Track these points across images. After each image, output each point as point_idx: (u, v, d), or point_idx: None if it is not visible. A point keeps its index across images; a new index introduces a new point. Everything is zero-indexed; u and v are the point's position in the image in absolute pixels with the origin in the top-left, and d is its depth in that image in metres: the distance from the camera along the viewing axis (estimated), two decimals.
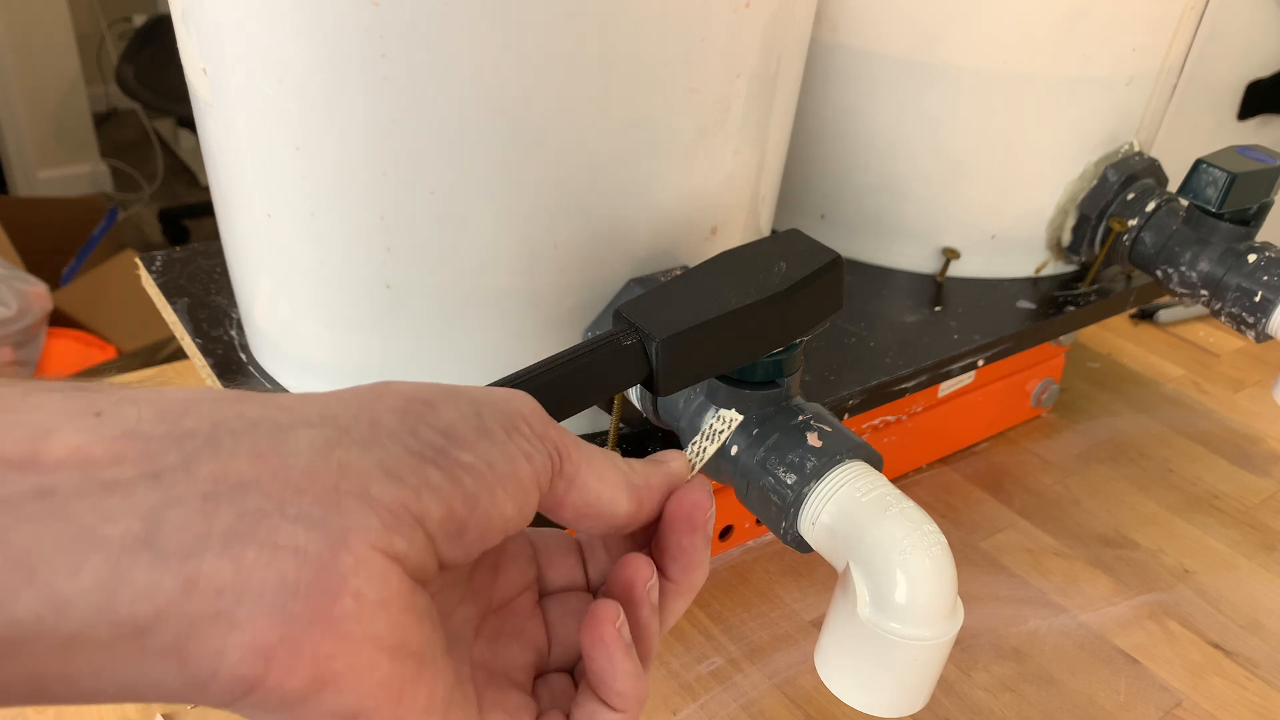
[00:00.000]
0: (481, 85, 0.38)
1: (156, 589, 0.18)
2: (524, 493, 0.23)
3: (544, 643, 0.29)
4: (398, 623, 0.20)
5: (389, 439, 0.21)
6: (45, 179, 2.35)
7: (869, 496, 0.35)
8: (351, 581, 0.20)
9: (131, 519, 0.18)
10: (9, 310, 1.39)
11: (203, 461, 0.19)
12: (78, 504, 0.18)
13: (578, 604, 0.30)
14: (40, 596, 0.18)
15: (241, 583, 0.19)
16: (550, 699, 0.28)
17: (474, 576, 0.27)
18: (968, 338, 0.58)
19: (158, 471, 0.19)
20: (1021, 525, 0.62)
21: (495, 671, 0.27)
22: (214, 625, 0.19)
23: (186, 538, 0.19)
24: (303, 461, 0.20)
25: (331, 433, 0.21)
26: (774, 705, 0.49)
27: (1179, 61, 0.64)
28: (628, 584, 0.27)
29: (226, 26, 0.39)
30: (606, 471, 0.26)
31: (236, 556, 0.19)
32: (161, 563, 0.18)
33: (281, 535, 0.19)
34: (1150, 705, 0.51)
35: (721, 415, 0.30)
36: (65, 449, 0.19)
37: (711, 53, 0.41)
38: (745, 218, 0.49)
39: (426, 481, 0.21)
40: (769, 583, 0.57)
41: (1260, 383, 0.79)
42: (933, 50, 0.59)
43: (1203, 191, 0.56)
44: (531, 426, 0.24)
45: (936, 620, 0.34)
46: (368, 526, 0.20)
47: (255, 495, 0.19)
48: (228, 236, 0.49)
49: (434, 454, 0.22)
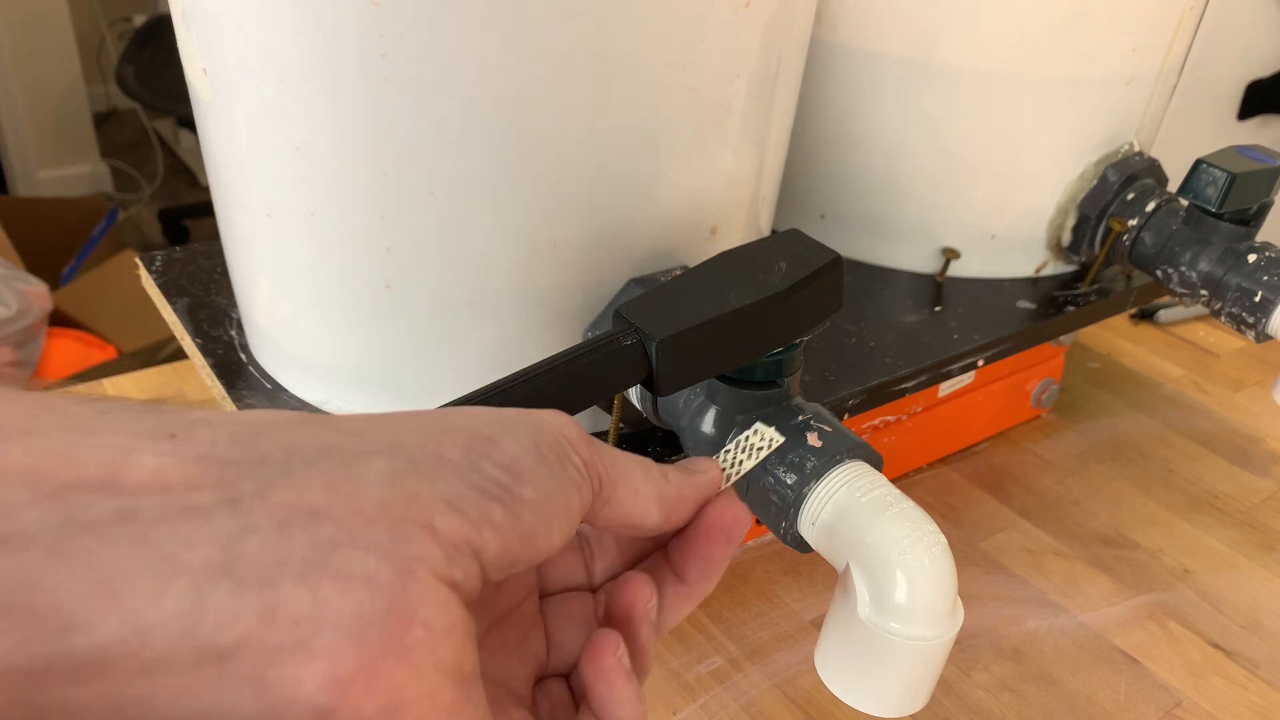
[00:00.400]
0: (482, 85, 0.38)
1: (237, 617, 0.18)
2: (572, 523, 0.24)
3: (543, 650, 0.29)
4: (459, 649, 0.21)
5: (453, 473, 0.22)
6: (45, 179, 2.35)
7: (869, 496, 0.35)
8: (421, 611, 0.20)
9: (211, 546, 0.19)
10: (9, 310, 1.39)
11: (278, 489, 0.20)
12: (159, 529, 0.18)
13: (577, 607, 0.30)
14: (125, 621, 0.18)
15: (320, 613, 0.19)
16: (549, 709, 0.28)
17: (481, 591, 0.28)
18: (968, 338, 0.58)
19: (235, 498, 0.19)
20: (1021, 525, 0.62)
21: (499, 684, 0.27)
22: (293, 654, 0.19)
23: (265, 566, 0.19)
24: (374, 491, 0.20)
25: (401, 463, 0.21)
26: (774, 705, 0.49)
27: (1179, 61, 0.64)
28: (628, 606, 0.27)
29: (226, 26, 0.39)
30: (640, 485, 0.26)
31: (314, 586, 0.19)
32: (241, 591, 0.19)
33: (355, 565, 0.19)
34: (1150, 705, 0.51)
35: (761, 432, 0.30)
36: (145, 472, 0.19)
37: (711, 53, 0.41)
38: (745, 218, 0.49)
39: (489, 518, 0.22)
40: (769, 583, 0.57)
41: (1260, 383, 0.79)
42: (933, 50, 0.59)
43: (1203, 191, 0.56)
44: (579, 453, 0.25)
45: (936, 620, 0.34)
46: (431, 557, 0.20)
47: (329, 524, 0.20)
48: (228, 236, 0.49)
49: (498, 490, 0.22)
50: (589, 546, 0.30)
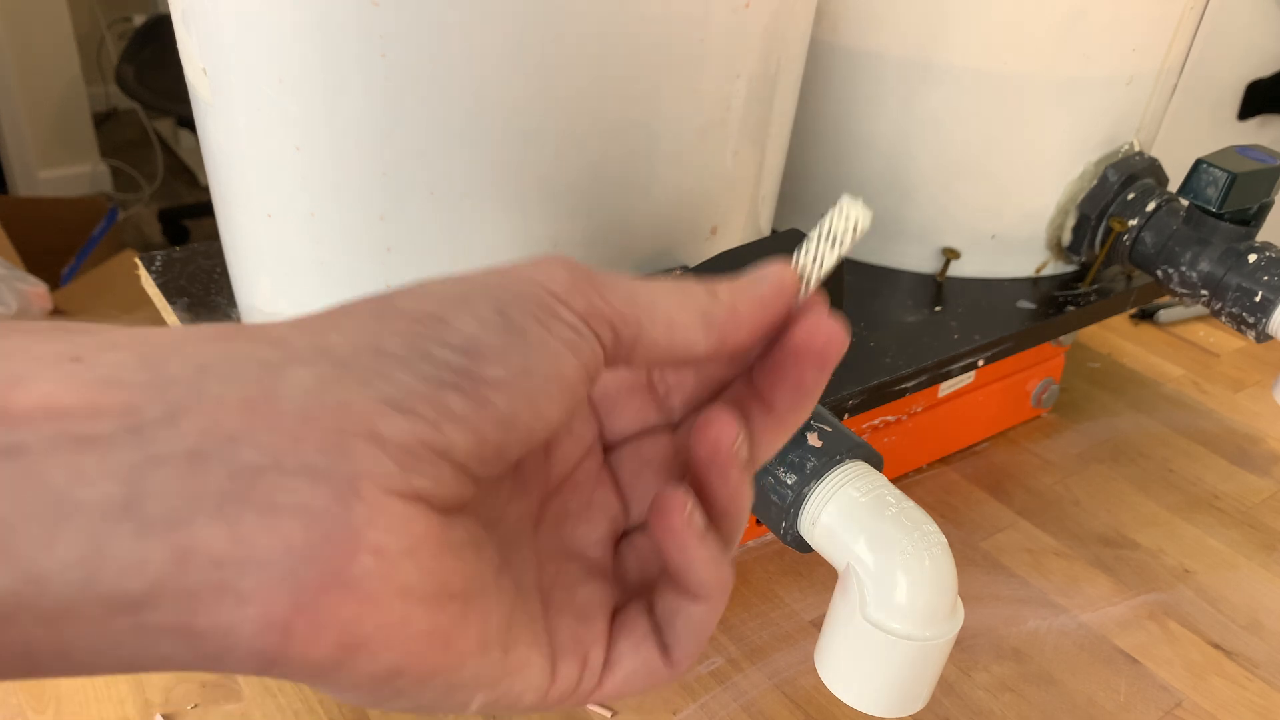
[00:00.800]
0: (481, 85, 0.38)
1: (144, 562, 0.16)
2: (571, 391, 0.20)
3: (618, 507, 0.26)
4: (431, 568, 0.18)
5: (396, 367, 0.19)
6: (45, 179, 2.35)
7: (869, 497, 0.35)
8: (369, 534, 0.17)
9: (109, 481, 0.16)
10: (9, 310, 1.39)
11: (188, 412, 0.17)
12: (49, 463, 0.16)
13: (654, 451, 0.26)
14: (15, 571, 0.16)
15: (243, 551, 0.17)
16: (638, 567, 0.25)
17: (523, 467, 0.24)
18: (968, 338, 0.58)
19: (138, 425, 0.17)
20: (1021, 525, 0.62)
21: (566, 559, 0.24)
22: (218, 600, 0.17)
23: (174, 502, 0.17)
24: (296, 405, 0.18)
25: (327, 369, 0.18)
26: (774, 705, 0.49)
27: (1179, 61, 0.64)
28: (712, 448, 0.23)
29: (226, 26, 0.39)
30: (675, 314, 0.22)
31: (233, 520, 0.17)
32: (147, 532, 0.16)
33: (281, 493, 0.17)
34: (1150, 705, 0.51)
35: (842, 207, 0.24)
36: (35, 398, 0.16)
37: (711, 53, 0.41)
38: (745, 218, 0.49)
39: (446, 410, 0.19)
40: (769, 583, 0.57)
41: (1260, 383, 0.79)
42: (933, 51, 0.59)
43: (1203, 191, 0.56)
44: (572, 306, 0.21)
45: (936, 620, 0.34)
46: (379, 470, 0.18)
47: (248, 448, 0.17)
48: (228, 237, 0.49)
49: (453, 376, 0.19)
50: (663, 380, 0.26)
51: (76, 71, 2.29)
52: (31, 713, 0.46)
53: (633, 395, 0.26)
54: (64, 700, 0.46)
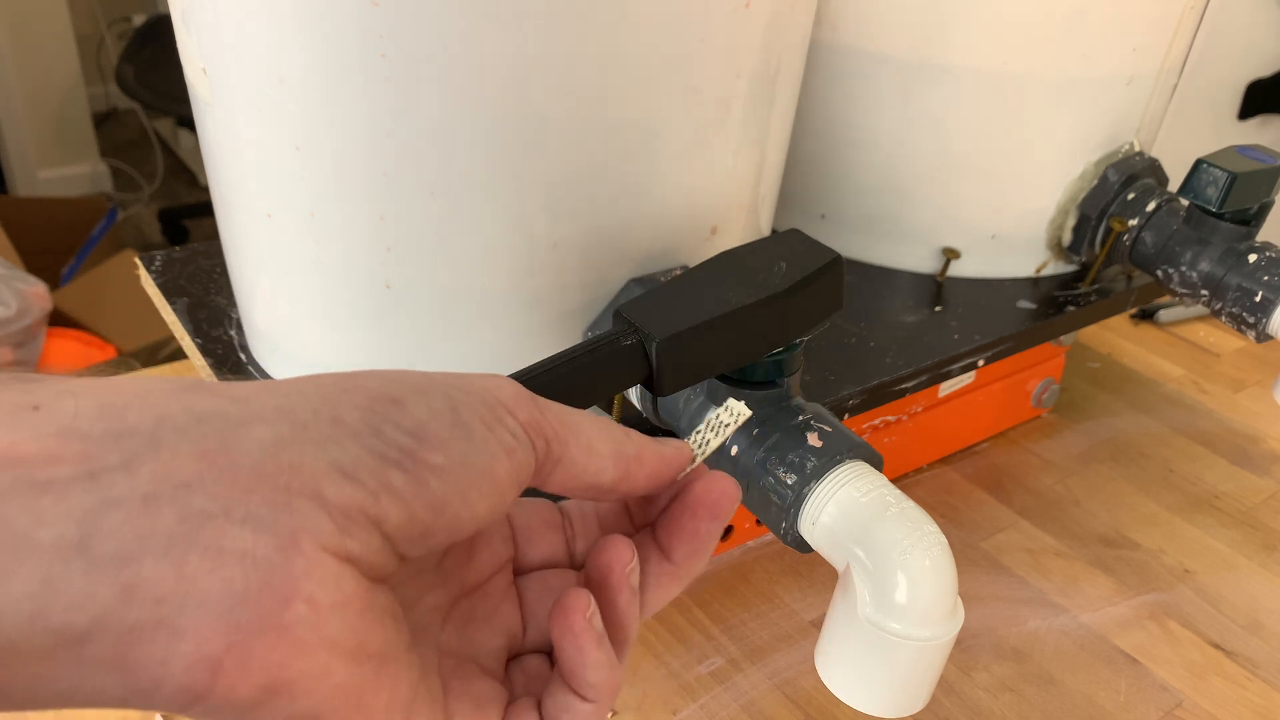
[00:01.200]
0: (481, 85, 0.38)
1: (91, 597, 0.17)
2: (499, 491, 0.22)
3: (518, 625, 0.28)
4: (354, 626, 0.20)
5: (349, 438, 0.20)
6: (45, 179, 2.35)
7: (869, 497, 0.35)
8: (304, 586, 0.19)
9: (65, 523, 0.17)
10: (9, 310, 1.39)
11: (144, 461, 0.18)
12: (9, 506, 0.17)
13: (558, 582, 0.28)
14: None
15: (184, 590, 0.18)
16: (524, 682, 0.27)
17: (444, 562, 0.27)
18: (968, 338, 0.58)
19: (95, 472, 0.18)
20: (1022, 525, 0.62)
21: (464, 658, 0.26)
22: (155, 635, 0.18)
23: (124, 542, 0.18)
24: (251, 460, 0.19)
25: (285, 429, 0.20)
26: (774, 705, 0.49)
27: (1179, 61, 0.64)
28: (605, 568, 0.25)
29: (226, 26, 0.39)
30: (594, 441, 0.25)
31: (178, 561, 0.18)
32: (96, 569, 0.17)
33: (228, 539, 0.18)
34: (1150, 705, 0.51)
35: (729, 406, 0.29)
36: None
37: (711, 53, 0.41)
38: (745, 218, 0.49)
39: (387, 485, 0.20)
40: (769, 583, 0.57)
41: (1260, 383, 0.79)
42: (933, 50, 0.59)
43: (1203, 191, 0.56)
44: (515, 415, 0.23)
45: (937, 620, 0.34)
46: (319, 528, 0.19)
47: (200, 496, 0.18)
48: (228, 236, 0.49)
49: (399, 455, 0.21)
50: (571, 525, 0.29)
51: (76, 71, 2.29)
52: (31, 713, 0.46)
53: (548, 530, 0.29)
54: None
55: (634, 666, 0.51)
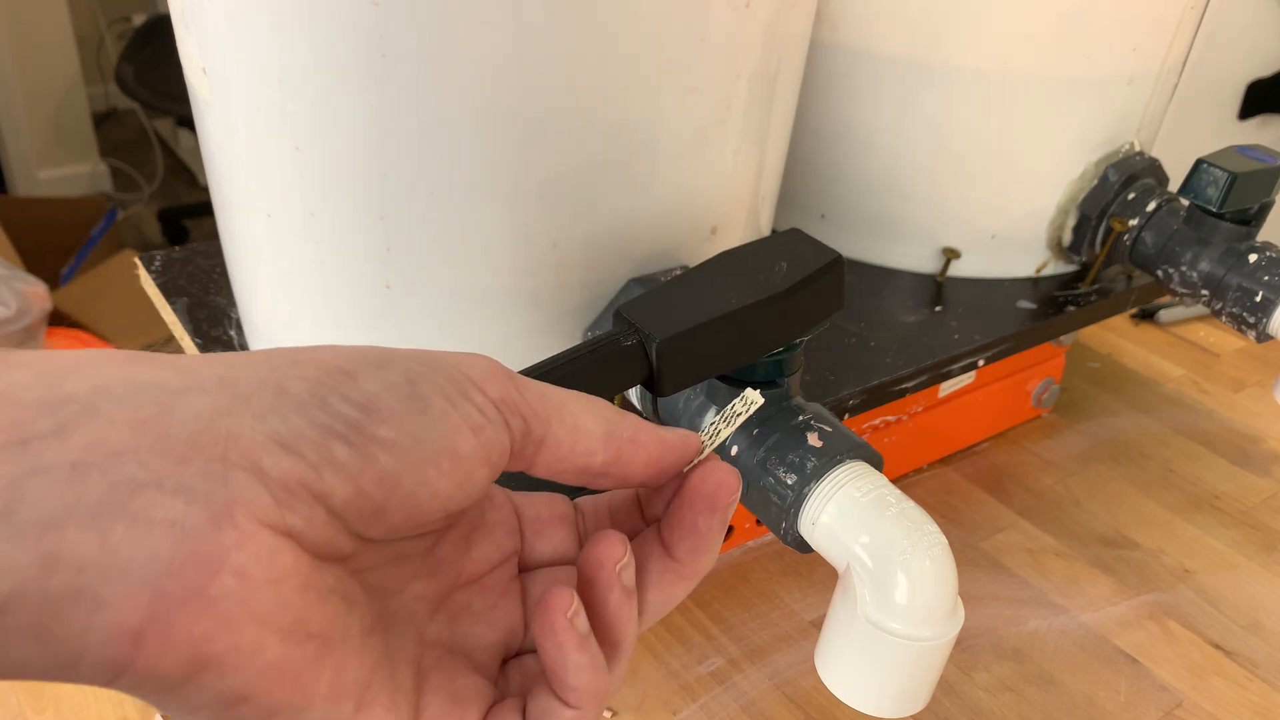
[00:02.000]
0: (481, 85, 0.38)
1: (11, 565, 0.17)
2: (464, 470, 0.21)
3: (518, 621, 0.27)
4: (291, 603, 0.19)
5: (293, 410, 0.20)
6: (45, 179, 2.35)
7: (869, 497, 0.35)
8: (234, 557, 0.18)
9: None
10: (8, 310, 1.39)
11: (76, 428, 0.18)
12: None
13: (567, 579, 0.27)
14: None
15: (107, 559, 0.17)
16: (520, 682, 0.26)
17: (438, 549, 0.25)
18: (968, 338, 0.58)
19: (26, 439, 0.17)
20: (1022, 525, 0.62)
21: (453, 652, 0.25)
22: (76, 604, 0.17)
23: (49, 510, 0.17)
24: (188, 430, 0.19)
25: (225, 400, 0.19)
26: (774, 705, 0.49)
27: (1179, 61, 0.64)
28: (595, 565, 0.24)
29: (226, 26, 0.39)
30: (581, 420, 0.24)
31: (104, 530, 0.17)
32: (18, 536, 0.17)
33: (158, 508, 0.18)
34: (1150, 705, 0.51)
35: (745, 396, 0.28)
36: None
37: (711, 53, 0.41)
38: (745, 218, 0.49)
39: (329, 458, 0.19)
40: (769, 583, 0.57)
41: (1260, 383, 0.79)
42: (933, 50, 0.59)
43: (1203, 191, 0.56)
44: (486, 393, 0.22)
45: (937, 621, 0.34)
46: (256, 501, 0.19)
47: (131, 464, 0.18)
48: (227, 236, 0.49)
49: (345, 428, 0.20)
50: (584, 520, 0.28)
51: (76, 71, 2.29)
52: (31, 713, 0.46)
53: (559, 524, 0.27)
54: (63, 700, 0.46)
55: (634, 666, 0.51)
